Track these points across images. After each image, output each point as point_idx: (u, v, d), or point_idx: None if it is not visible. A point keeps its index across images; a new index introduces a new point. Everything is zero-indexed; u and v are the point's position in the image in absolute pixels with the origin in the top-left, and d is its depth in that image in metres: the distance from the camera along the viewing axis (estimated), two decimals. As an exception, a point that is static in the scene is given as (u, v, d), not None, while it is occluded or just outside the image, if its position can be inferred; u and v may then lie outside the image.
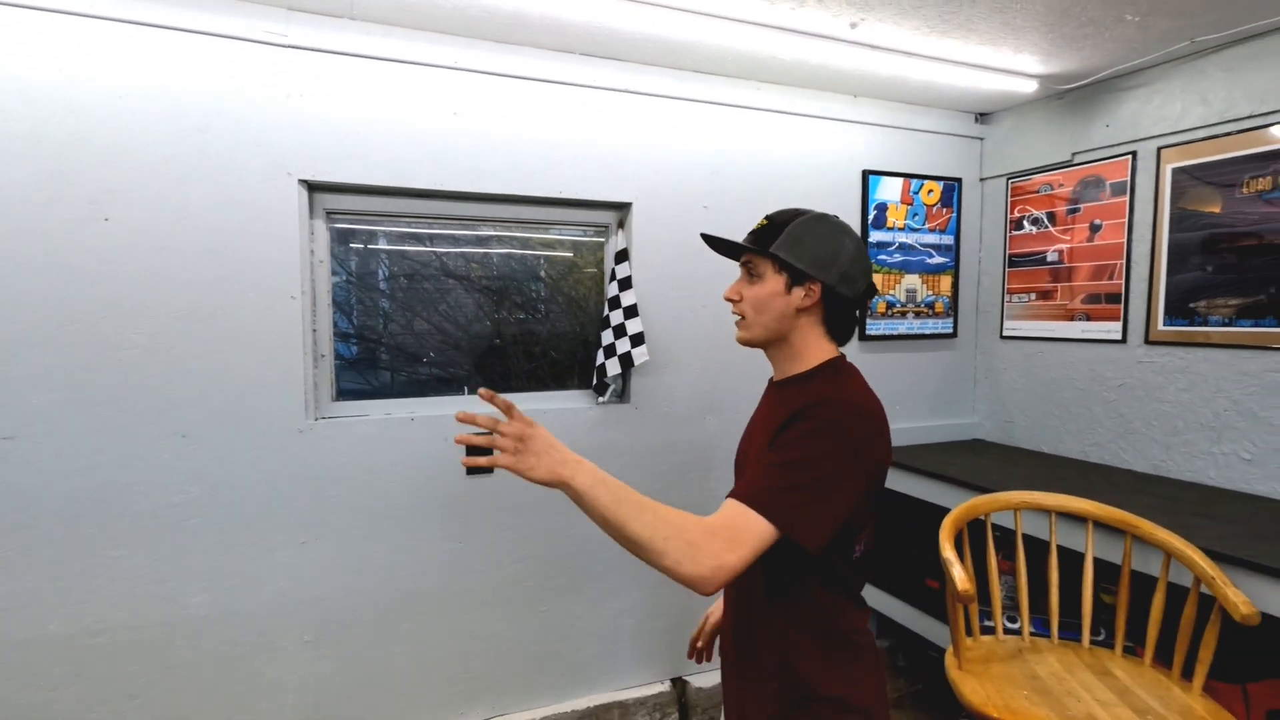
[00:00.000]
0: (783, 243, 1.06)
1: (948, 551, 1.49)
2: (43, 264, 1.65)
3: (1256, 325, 1.98)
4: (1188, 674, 1.47)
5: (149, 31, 1.70)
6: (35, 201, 1.64)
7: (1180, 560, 1.46)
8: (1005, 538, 2.07)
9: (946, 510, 1.87)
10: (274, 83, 1.82)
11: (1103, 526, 1.65)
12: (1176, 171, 2.16)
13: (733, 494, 0.94)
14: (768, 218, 1.11)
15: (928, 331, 2.75)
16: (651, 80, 2.21)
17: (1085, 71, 2.24)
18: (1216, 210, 2.06)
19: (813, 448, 0.93)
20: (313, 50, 1.84)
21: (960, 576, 1.40)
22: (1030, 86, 2.33)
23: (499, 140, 2.06)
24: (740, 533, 0.88)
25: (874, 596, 2.54)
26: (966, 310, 2.84)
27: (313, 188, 1.93)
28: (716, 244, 1.14)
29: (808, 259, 1.05)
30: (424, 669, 2.06)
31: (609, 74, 2.15)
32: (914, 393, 2.76)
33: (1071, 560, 1.86)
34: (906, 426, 2.73)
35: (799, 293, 1.06)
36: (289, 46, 1.82)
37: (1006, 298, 2.74)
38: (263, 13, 1.78)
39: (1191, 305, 2.13)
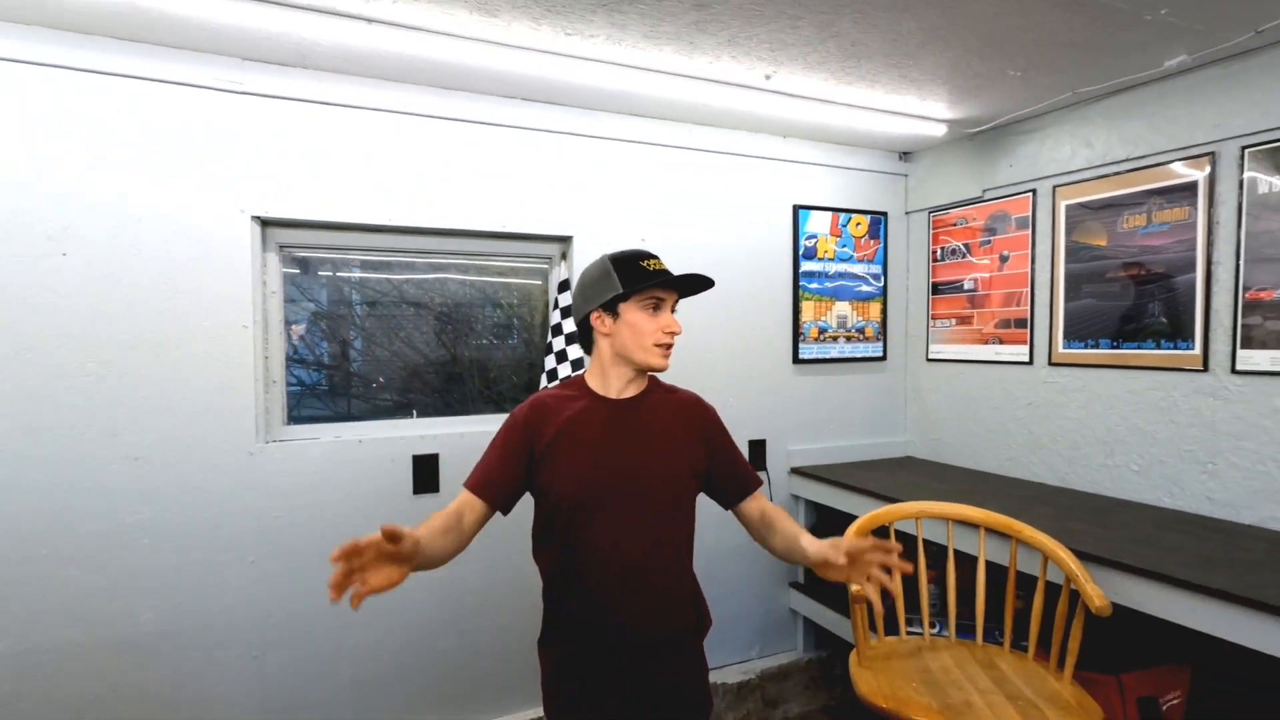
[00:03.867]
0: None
1: (847, 556, 1.63)
2: (1, 298, 1.74)
3: (1139, 347, 2.17)
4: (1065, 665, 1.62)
5: (105, 79, 1.82)
6: (-5, 238, 1.74)
7: (1053, 560, 1.61)
8: (938, 553, 2.21)
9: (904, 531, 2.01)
10: (229, 126, 1.94)
11: (993, 533, 1.80)
12: (1070, 207, 2.37)
13: (755, 487, 1.39)
14: (659, 260, 1.30)
15: (858, 355, 2.92)
16: (590, 123, 2.37)
17: (987, 117, 2.45)
18: (1103, 243, 2.27)
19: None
20: (267, 96, 1.98)
21: (854, 578, 1.53)
22: (940, 130, 2.54)
23: (446, 178, 2.20)
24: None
25: (809, 607, 2.67)
26: (896, 334, 3.02)
27: (265, 223, 2.05)
28: (684, 282, 1.30)
29: None
30: (371, 682, 2.13)
31: (550, 117, 2.31)
32: (846, 412, 2.92)
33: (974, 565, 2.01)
34: (840, 445, 2.88)
35: None
36: (243, 93, 1.95)
37: (931, 323, 2.93)
38: (218, 62, 1.91)
39: (1085, 329, 2.32)
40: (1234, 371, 1.94)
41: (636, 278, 1.25)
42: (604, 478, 1.25)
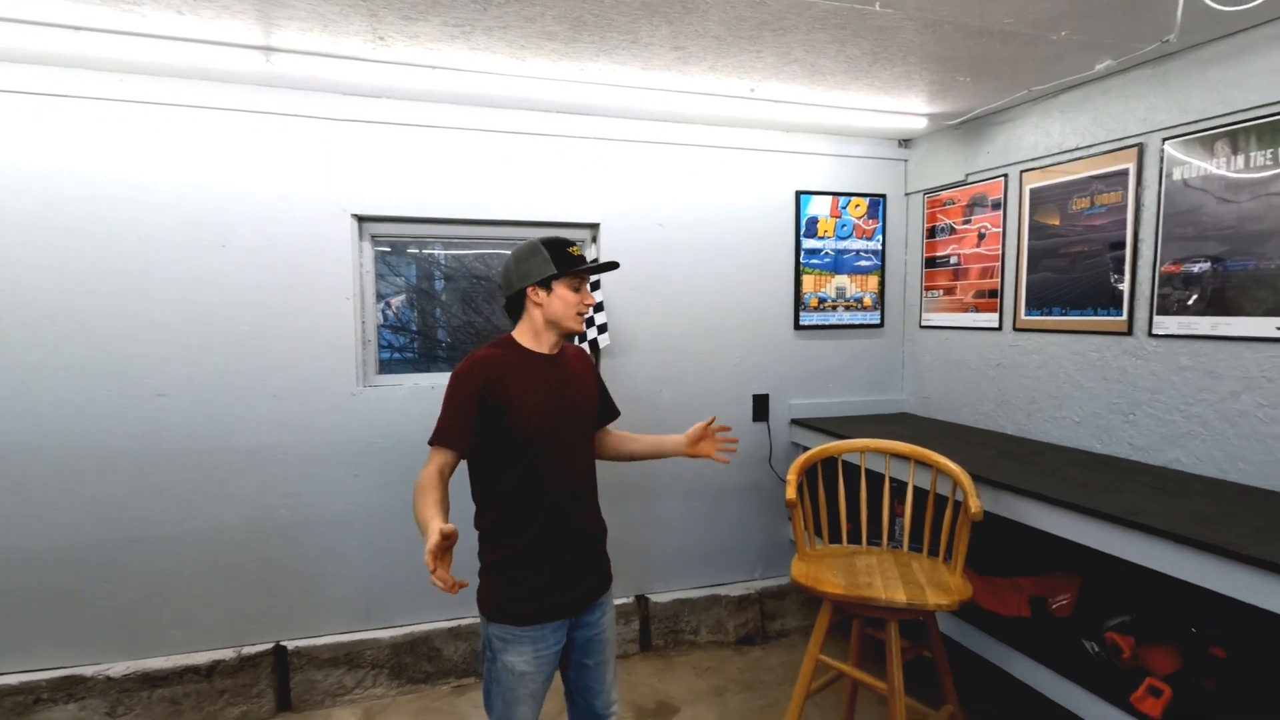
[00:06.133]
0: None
1: (791, 475, 2.10)
2: (184, 277, 2.44)
3: (1082, 314, 2.49)
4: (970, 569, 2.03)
5: (246, 116, 2.45)
6: (178, 236, 2.42)
7: (957, 483, 2.02)
8: (882, 481, 2.63)
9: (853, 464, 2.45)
10: (333, 145, 2.56)
11: (921, 463, 2.22)
12: (1033, 190, 2.67)
13: (617, 415, 1.85)
14: (579, 246, 1.63)
15: (857, 322, 3.31)
16: (611, 128, 2.86)
17: (960, 111, 2.77)
18: (1057, 223, 2.58)
19: None
20: (358, 121, 2.58)
21: (789, 490, 2.01)
22: (922, 123, 2.88)
23: (496, 179, 2.76)
24: None
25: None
26: (894, 304, 3.38)
27: (360, 219, 2.67)
28: (600, 267, 1.65)
29: None
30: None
31: (577, 125, 2.81)
32: (845, 373, 3.33)
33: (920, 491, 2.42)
34: (840, 401, 3.30)
35: None
36: (342, 120, 2.56)
37: (924, 294, 3.27)
38: (323, 97, 2.52)
39: (1043, 298, 2.64)
40: (1151, 335, 2.25)
41: (567, 262, 1.58)
42: (554, 412, 1.58)
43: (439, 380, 2.80)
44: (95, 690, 2.39)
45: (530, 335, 1.63)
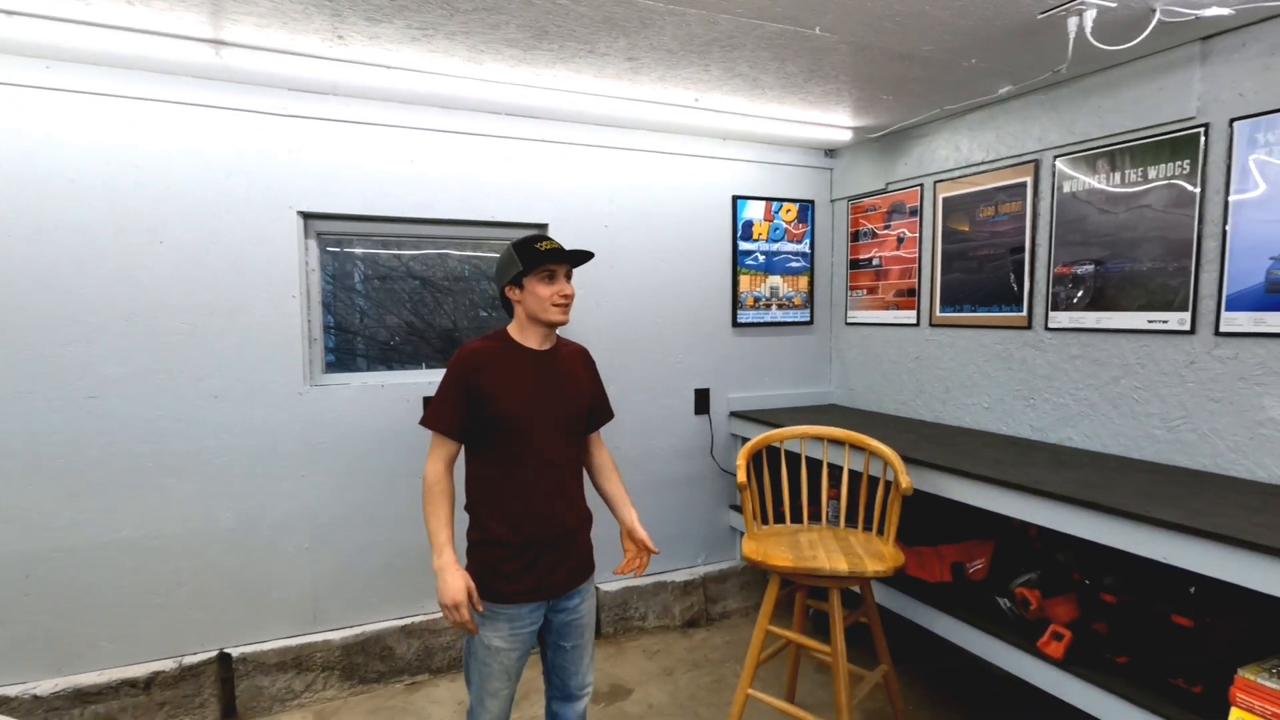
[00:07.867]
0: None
1: (740, 461, 2.26)
2: (115, 275, 2.34)
3: (989, 311, 2.78)
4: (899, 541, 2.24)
5: (186, 109, 2.39)
6: (110, 231, 2.33)
7: (888, 463, 2.24)
8: (833, 472, 2.84)
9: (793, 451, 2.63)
10: (279, 141, 2.52)
11: (855, 447, 2.43)
12: (946, 199, 2.96)
13: (610, 418, 1.91)
14: (552, 241, 1.68)
15: (789, 320, 3.53)
16: (560, 132, 2.95)
17: (882, 125, 3.02)
18: (967, 229, 2.86)
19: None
20: (307, 118, 2.55)
21: (739, 474, 2.16)
22: (847, 135, 3.12)
23: (445, 179, 2.79)
24: None
25: (737, 521, 3.31)
26: (821, 303, 3.63)
27: (307, 216, 2.64)
28: (567, 256, 1.66)
29: None
30: (391, 569, 2.78)
31: (527, 128, 2.88)
32: (779, 367, 3.54)
33: (854, 474, 2.63)
34: (774, 394, 3.51)
35: None
36: (289, 116, 2.53)
37: (849, 293, 3.53)
38: (270, 92, 2.48)
39: (955, 296, 2.93)
40: (1047, 329, 2.56)
41: (531, 258, 1.64)
42: (538, 405, 1.66)
43: (388, 379, 2.80)
44: (20, 710, 2.26)
45: (518, 330, 1.74)
